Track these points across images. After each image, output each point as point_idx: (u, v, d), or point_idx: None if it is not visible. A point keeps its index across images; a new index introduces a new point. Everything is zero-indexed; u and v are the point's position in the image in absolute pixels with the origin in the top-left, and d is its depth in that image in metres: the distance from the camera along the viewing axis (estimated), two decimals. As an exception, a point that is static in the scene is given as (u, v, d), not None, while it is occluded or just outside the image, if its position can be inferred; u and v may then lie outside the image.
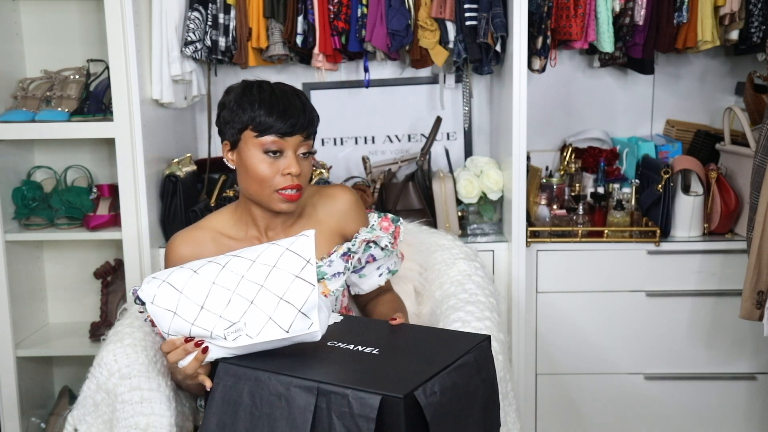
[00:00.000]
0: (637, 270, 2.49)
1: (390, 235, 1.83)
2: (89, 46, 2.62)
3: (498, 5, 2.37)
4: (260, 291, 1.38)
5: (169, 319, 1.43)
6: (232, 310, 1.39)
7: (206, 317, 1.40)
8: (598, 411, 2.57)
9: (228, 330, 1.38)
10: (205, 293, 1.41)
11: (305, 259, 1.40)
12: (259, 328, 1.37)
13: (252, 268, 1.41)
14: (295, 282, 1.38)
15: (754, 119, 2.56)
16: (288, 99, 1.61)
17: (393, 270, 1.86)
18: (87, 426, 1.70)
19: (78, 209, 2.55)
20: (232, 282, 1.40)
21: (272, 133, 1.59)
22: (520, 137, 2.36)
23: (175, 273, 1.46)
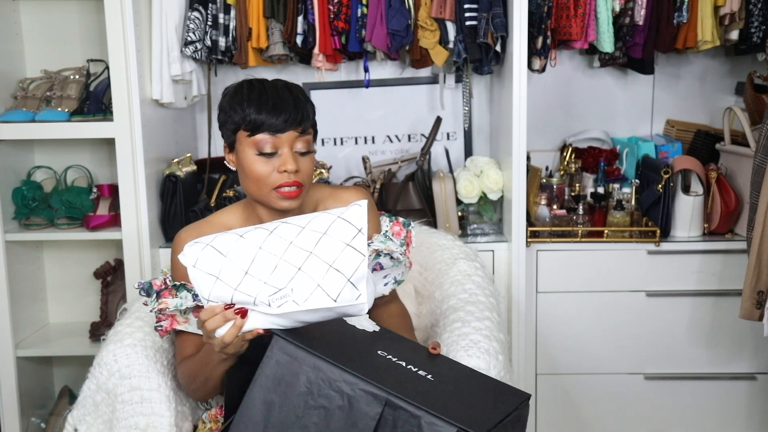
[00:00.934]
0: (637, 270, 2.49)
1: (402, 241, 1.75)
2: (89, 46, 2.62)
3: (498, 5, 2.37)
4: (309, 257, 1.33)
5: (211, 284, 1.36)
6: (278, 276, 1.34)
7: (250, 282, 1.35)
8: (598, 411, 2.57)
9: (273, 296, 1.33)
10: (250, 258, 1.35)
11: (357, 228, 1.35)
12: (306, 294, 1.32)
13: (301, 234, 1.36)
14: (346, 250, 1.33)
15: (754, 119, 2.56)
16: (278, 94, 1.57)
17: (399, 280, 1.78)
18: (87, 426, 1.70)
19: (78, 209, 2.55)
20: (280, 248, 1.35)
21: (264, 131, 1.55)
22: (520, 137, 2.36)
23: (220, 237, 1.40)
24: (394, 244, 1.72)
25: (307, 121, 1.58)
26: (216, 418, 1.69)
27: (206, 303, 1.39)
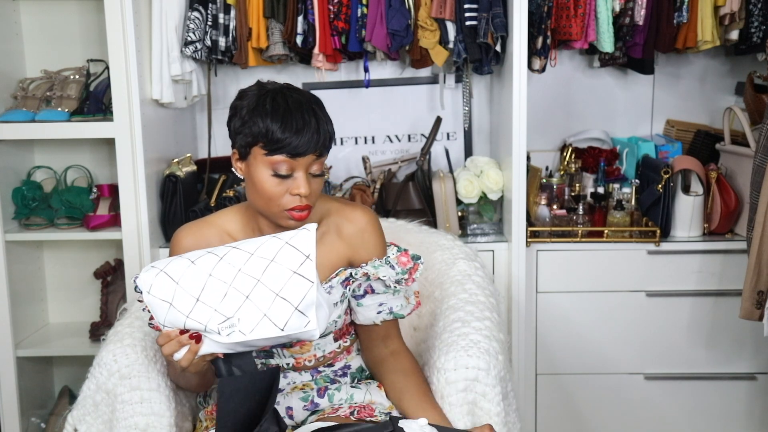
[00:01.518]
0: (637, 270, 2.49)
1: (403, 270, 1.66)
2: (89, 46, 2.62)
3: (498, 5, 2.37)
4: (257, 286, 1.35)
5: (165, 310, 1.39)
6: (227, 304, 1.36)
7: (201, 310, 1.37)
8: (597, 411, 2.57)
9: (222, 324, 1.35)
10: (201, 285, 1.37)
11: (305, 255, 1.36)
12: (253, 324, 1.34)
13: (249, 261, 1.37)
14: (293, 278, 1.34)
15: (754, 119, 2.56)
16: (303, 115, 1.48)
17: (397, 313, 1.67)
18: (87, 426, 1.70)
19: (78, 209, 2.55)
20: (229, 275, 1.37)
21: (283, 153, 1.47)
22: (520, 137, 2.36)
23: (173, 263, 1.42)
24: (390, 270, 1.65)
25: (327, 145, 1.52)
26: (212, 415, 1.69)
27: (163, 328, 1.41)
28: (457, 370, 1.59)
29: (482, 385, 1.58)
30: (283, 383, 1.67)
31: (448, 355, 1.62)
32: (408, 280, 1.67)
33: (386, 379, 1.69)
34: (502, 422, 1.59)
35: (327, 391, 1.66)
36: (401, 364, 1.69)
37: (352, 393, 1.67)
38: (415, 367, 1.70)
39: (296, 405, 1.65)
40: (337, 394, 1.66)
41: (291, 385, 1.68)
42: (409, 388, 1.65)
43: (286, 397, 1.66)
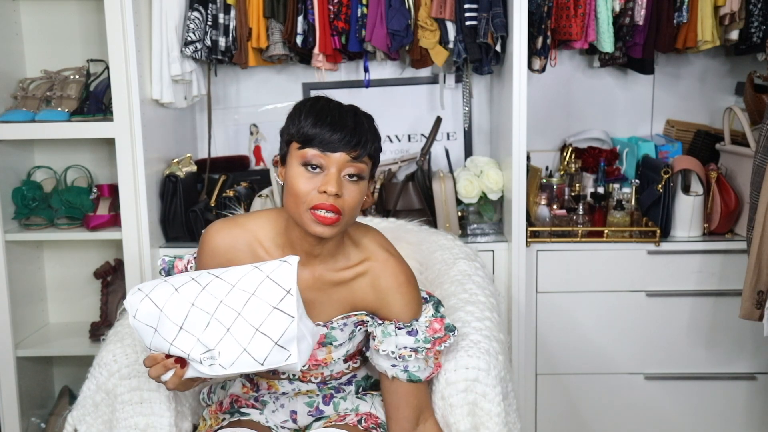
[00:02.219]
0: (637, 270, 2.49)
1: (428, 338, 1.56)
2: (89, 46, 2.62)
3: (498, 5, 2.37)
4: (237, 319, 1.34)
5: (151, 335, 1.40)
6: (209, 335, 1.35)
7: (185, 338, 1.37)
8: (597, 411, 2.57)
9: (204, 355, 1.36)
10: (184, 314, 1.37)
11: (285, 290, 1.34)
12: (233, 359, 1.34)
13: (231, 293, 1.36)
14: (273, 313, 1.33)
15: (754, 119, 2.56)
16: (341, 114, 1.46)
17: (412, 376, 1.57)
18: (87, 426, 1.70)
19: (78, 209, 2.55)
20: (211, 305, 1.36)
21: (314, 146, 1.43)
22: (520, 137, 2.36)
23: (158, 288, 1.41)
24: (408, 338, 1.55)
25: (364, 148, 1.45)
26: (216, 414, 1.69)
27: (149, 351, 1.42)
28: (457, 371, 1.59)
29: (482, 385, 1.58)
30: (288, 388, 1.67)
31: (448, 356, 1.62)
32: (429, 351, 1.56)
33: None
34: (503, 422, 1.59)
35: (332, 399, 1.66)
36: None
37: (358, 404, 1.66)
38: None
39: (301, 409, 1.65)
40: (342, 403, 1.66)
41: (296, 390, 1.67)
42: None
43: (291, 401, 1.66)
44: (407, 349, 1.54)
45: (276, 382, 1.67)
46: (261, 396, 1.67)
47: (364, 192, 1.50)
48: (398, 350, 1.55)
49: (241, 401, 1.67)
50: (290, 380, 1.66)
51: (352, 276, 1.56)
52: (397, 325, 1.56)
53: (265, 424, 1.62)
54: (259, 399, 1.67)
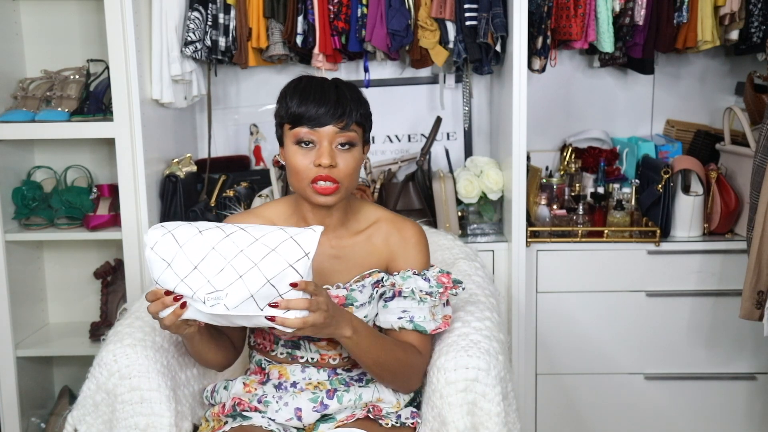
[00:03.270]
0: (637, 270, 2.49)
1: (438, 285, 1.65)
2: (89, 46, 2.62)
3: (498, 5, 2.37)
4: (252, 269, 1.41)
5: (162, 269, 1.44)
6: (221, 278, 1.41)
7: (196, 277, 1.43)
8: (597, 411, 2.57)
9: (210, 295, 1.41)
10: (202, 255, 1.43)
11: (305, 252, 1.41)
12: (237, 302, 1.41)
13: (253, 245, 1.43)
14: (287, 270, 1.40)
15: (754, 119, 2.56)
16: (323, 89, 1.57)
17: (418, 324, 1.63)
18: (87, 426, 1.70)
19: (78, 209, 2.55)
20: (231, 253, 1.43)
21: (303, 123, 1.56)
22: (520, 137, 2.36)
23: (182, 227, 1.48)
24: (423, 282, 1.64)
25: (349, 117, 1.56)
26: (218, 416, 1.69)
27: (155, 285, 1.46)
28: (457, 370, 1.59)
29: (482, 385, 1.58)
30: (299, 377, 1.68)
31: (448, 355, 1.62)
32: (442, 295, 1.65)
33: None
34: (502, 422, 1.59)
35: (336, 393, 1.66)
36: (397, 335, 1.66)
37: (361, 393, 1.67)
38: (408, 350, 1.63)
39: (305, 406, 1.65)
40: (346, 395, 1.66)
41: (306, 380, 1.68)
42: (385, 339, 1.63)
43: (296, 398, 1.66)
44: (423, 293, 1.63)
45: (288, 370, 1.68)
46: (264, 396, 1.68)
47: (359, 157, 1.61)
48: (417, 293, 1.63)
49: (243, 404, 1.67)
50: (302, 369, 1.68)
51: (364, 238, 1.68)
52: (413, 271, 1.65)
53: (267, 428, 1.62)
54: (262, 400, 1.67)
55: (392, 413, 1.67)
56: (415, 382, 1.68)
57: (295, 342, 1.68)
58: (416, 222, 1.74)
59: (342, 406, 1.66)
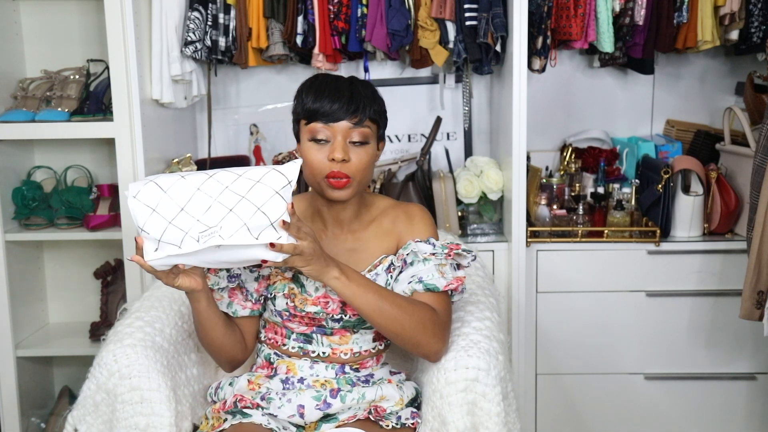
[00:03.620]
0: (637, 270, 2.49)
1: (443, 245, 1.67)
2: (89, 46, 2.62)
3: (498, 5, 2.37)
4: (241, 201, 1.44)
5: (147, 215, 1.46)
6: (210, 216, 1.44)
7: (184, 219, 1.45)
8: (597, 411, 2.57)
9: (203, 233, 1.44)
10: (188, 197, 1.46)
11: (288, 179, 1.46)
12: (232, 231, 1.43)
13: (237, 181, 1.47)
14: (274, 197, 1.44)
15: (754, 119, 2.56)
16: (338, 86, 1.61)
17: (427, 283, 1.62)
18: (87, 426, 1.70)
19: (78, 209, 2.55)
20: (216, 190, 1.46)
21: (318, 119, 1.59)
22: (520, 137, 2.36)
23: (164, 175, 1.51)
24: (428, 246, 1.66)
25: (363, 113, 1.60)
26: (218, 414, 1.69)
27: (140, 232, 1.48)
28: (457, 370, 1.59)
29: (482, 385, 1.58)
30: (307, 373, 1.69)
31: (448, 355, 1.62)
32: (448, 255, 1.66)
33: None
34: (502, 422, 1.59)
35: (340, 392, 1.67)
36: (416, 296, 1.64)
37: (364, 392, 1.67)
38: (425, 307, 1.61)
39: (308, 404, 1.65)
40: (349, 395, 1.67)
41: (313, 377, 1.69)
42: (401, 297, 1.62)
43: (299, 395, 1.66)
44: (427, 254, 1.65)
45: (296, 365, 1.69)
46: (268, 393, 1.68)
47: (373, 154, 1.64)
48: (420, 255, 1.64)
49: (245, 400, 1.68)
50: (311, 365, 1.69)
51: (375, 227, 1.72)
52: (415, 240, 1.68)
53: (266, 426, 1.62)
54: (265, 397, 1.67)
55: (393, 414, 1.67)
56: (435, 339, 1.60)
57: (308, 336, 1.69)
58: (417, 204, 1.78)
59: (345, 406, 1.66)
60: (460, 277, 1.67)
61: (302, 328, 1.69)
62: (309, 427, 1.67)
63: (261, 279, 1.71)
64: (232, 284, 1.69)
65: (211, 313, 1.64)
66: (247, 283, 1.70)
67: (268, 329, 1.75)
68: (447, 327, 1.64)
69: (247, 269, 1.70)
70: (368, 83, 1.67)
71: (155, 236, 1.45)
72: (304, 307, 1.66)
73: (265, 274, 1.71)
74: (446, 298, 1.65)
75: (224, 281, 1.68)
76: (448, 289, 1.64)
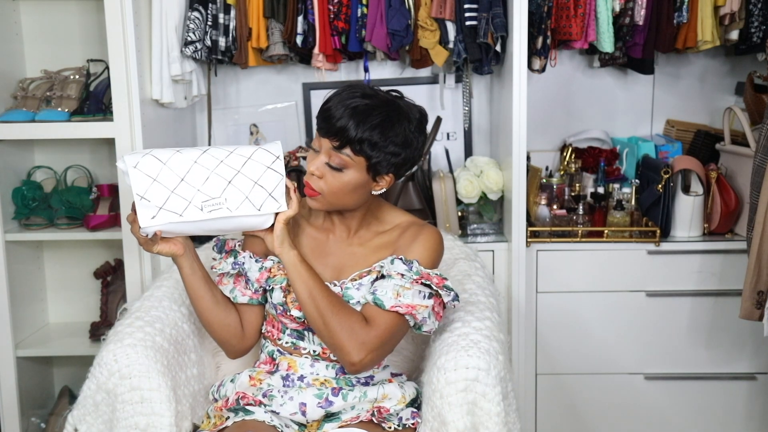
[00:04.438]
0: (637, 270, 2.49)
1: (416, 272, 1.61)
2: (89, 46, 2.62)
3: (498, 5, 2.37)
4: (237, 175, 1.57)
5: (148, 185, 1.55)
6: (210, 186, 1.56)
7: (185, 188, 1.56)
8: (597, 411, 2.57)
9: (206, 203, 1.56)
10: (186, 169, 1.57)
11: (275, 155, 1.60)
12: (237, 204, 1.57)
13: (230, 156, 1.59)
14: (267, 172, 1.58)
15: (754, 119, 2.56)
16: (347, 103, 1.57)
17: (376, 298, 1.59)
18: (87, 426, 1.70)
19: (78, 209, 2.55)
20: (212, 164, 1.58)
21: (318, 129, 1.62)
22: (520, 137, 2.36)
23: (159, 150, 1.60)
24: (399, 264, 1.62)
25: (343, 140, 1.56)
26: (220, 412, 1.69)
27: (139, 200, 1.55)
28: (457, 370, 1.59)
29: (482, 385, 1.58)
30: (308, 371, 1.69)
31: (448, 355, 1.62)
32: (416, 281, 1.60)
33: None
34: (502, 422, 1.59)
35: (342, 391, 1.67)
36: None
37: (365, 390, 1.68)
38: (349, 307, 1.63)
39: (310, 401, 1.66)
40: (350, 393, 1.67)
41: (314, 376, 1.69)
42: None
43: (301, 393, 1.67)
44: (396, 272, 1.61)
45: (297, 363, 1.70)
46: (270, 390, 1.68)
47: (352, 183, 1.61)
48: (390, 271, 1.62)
49: (247, 398, 1.68)
50: (312, 363, 1.69)
51: (382, 238, 1.72)
52: (397, 257, 1.64)
53: (269, 423, 1.62)
54: (267, 394, 1.67)
55: (395, 416, 1.67)
56: (355, 351, 1.58)
57: (300, 333, 1.70)
58: (435, 228, 1.74)
59: (347, 404, 1.66)
60: (417, 305, 1.59)
61: (294, 324, 1.70)
62: (311, 425, 1.68)
63: (263, 270, 1.71)
64: (234, 271, 1.72)
65: (195, 282, 1.69)
66: (249, 272, 1.72)
67: (268, 322, 1.76)
68: (375, 345, 1.60)
69: (253, 259, 1.72)
70: (393, 116, 1.58)
71: (157, 204, 1.55)
72: (292, 308, 1.67)
73: (267, 266, 1.71)
74: (390, 318, 1.60)
75: (229, 266, 1.72)
76: (394, 310, 1.59)
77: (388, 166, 1.61)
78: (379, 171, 1.61)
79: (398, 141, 1.59)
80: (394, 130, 1.58)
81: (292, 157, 2.57)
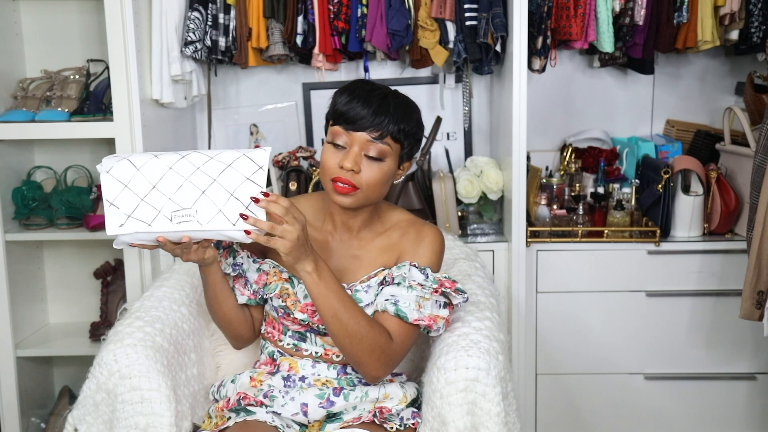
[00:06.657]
0: (637, 270, 2.49)
1: (433, 281, 1.62)
2: (89, 46, 2.62)
3: (498, 5, 2.37)
4: (213, 184, 1.47)
5: (118, 191, 1.49)
6: (182, 195, 1.47)
7: (156, 197, 1.48)
8: (597, 411, 2.57)
9: (176, 213, 1.47)
10: (160, 175, 1.49)
11: (258, 165, 1.48)
12: (209, 217, 1.47)
13: (209, 162, 1.49)
14: (246, 183, 1.46)
15: (754, 119, 2.56)
16: (370, 95, 1.57)
17: (400, 309, 1.59)
18: (87, 426, 1.70)
19: (78, 209, 2.55)
20: (188, 171, 1.48)
21: (341, 123, 1.57)
22: (520, 137, 2.37)
23: (138, 154, 1.54)
24: (418, 274, 1.62)
25: (385, 129, 1.56)
26: (222, 412, 1.69)
27: (108, 206, 1.50)
28: (457, 370, 1.59)
29: (482, 385, 1.58)
30: (309, 372, 1.69)
31: (448, 355, 1.62)
32: (435, 291, 1.62)
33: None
34: (502, 422, 1.59)
35: (343, 391, 1.67)
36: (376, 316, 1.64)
37: (367, 390, 1.68)
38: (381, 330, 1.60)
39: (312, 402, 1.66)
40: (352, 393, 1.68)
41: (315, 376, 1.69)
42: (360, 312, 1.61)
43: (302, 393, 1.67)
44: (415, 282, 1.61)
45: (298, 364, 1.70)
46: (271, 391, 1.68)
47: (388, 172, 1.60)
48: (408, 281, 1.61)
49: (248, 398, 1.68)
50: (313, 364, 1.69)
51: (383, 239, 1.70)
52: (412, 263, 1.64)
53: (271, 423, 1.62)
54: (268, 394, 1.68)
55: (396, 416, 1.67)
56: (378, 365, 1.59)
57: (302, 334, 1.70)
58: (433, 225, 1.74)
59: (348, 404, 1.66)
60: (436, 316, 1.62)
61: (296, 326, 1.70)
62: (313, 426, 1.68)
63: (261, 272, 1.72)
64: (234, 272, 1.72)
65: (226, 285, 1.68)
66: (248, 273, 1.72)
67: (267, 323, 1.76)
68: (396, 357, 1.63)
69: (251, 259, 1.72)
70: (406, 101, 1.62)
71: (125, 212, 1.48)
72: (294, 311, 1.67)
73: (265, 269, 1.71)
74: (411, 330, 1.63)
75: (229, 268, 1.71)
76: (416, 323, 1.61)
77: (411, 152, 1.65)
78: (406, 156, 1.64)
79: (420, 126, 1.65)
80: (415, 116, 1.64)
81: (292, 157, 2.56)
